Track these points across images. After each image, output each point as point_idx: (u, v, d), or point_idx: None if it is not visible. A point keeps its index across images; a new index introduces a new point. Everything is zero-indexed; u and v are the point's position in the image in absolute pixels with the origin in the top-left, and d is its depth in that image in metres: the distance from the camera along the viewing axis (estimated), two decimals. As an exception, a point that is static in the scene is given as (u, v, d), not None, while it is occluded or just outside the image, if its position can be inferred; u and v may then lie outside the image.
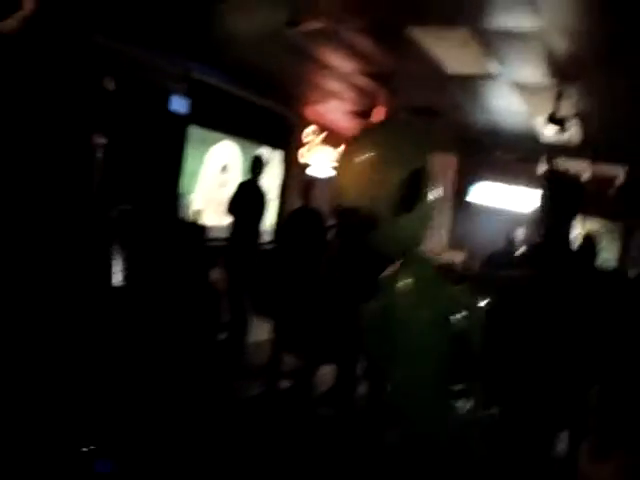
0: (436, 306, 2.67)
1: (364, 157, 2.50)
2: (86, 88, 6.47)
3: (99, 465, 4.26)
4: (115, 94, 6.85)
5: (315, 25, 6.34)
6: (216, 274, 7.77)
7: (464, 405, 2.69)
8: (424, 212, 2.58)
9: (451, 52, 6.54)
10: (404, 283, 2.69)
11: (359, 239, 2.62)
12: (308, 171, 11.49)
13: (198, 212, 8.64)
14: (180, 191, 8.49)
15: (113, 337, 5.54)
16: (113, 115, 6.99)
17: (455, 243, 11.37)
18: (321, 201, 7.35)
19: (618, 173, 10.31)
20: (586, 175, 10.45)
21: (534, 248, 3.46)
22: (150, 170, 7.75)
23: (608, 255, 9.89)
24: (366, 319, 3.02)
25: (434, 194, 2.56)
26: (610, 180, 10.41)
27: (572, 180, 3.49)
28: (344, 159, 2.57)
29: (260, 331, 7.73)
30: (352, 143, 2.63)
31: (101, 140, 6.73)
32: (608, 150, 9.39)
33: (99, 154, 6.75)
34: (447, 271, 3.00)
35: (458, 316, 2.66)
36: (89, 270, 5.98)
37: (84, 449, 4.26)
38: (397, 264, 2.75)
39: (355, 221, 2.52)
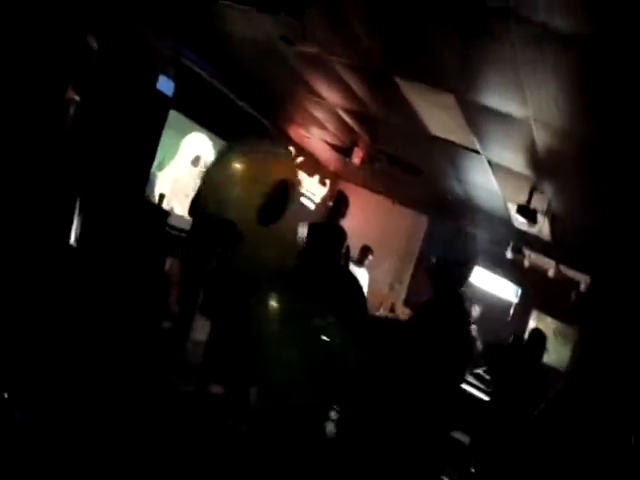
0: (302, 338, 2.79)
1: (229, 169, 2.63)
2: (68, 41, 6.25)
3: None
4: (98, 54, 6.64)
5: (309, 49, 6.10)
6: (171, 263, 7.69)
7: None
8: (288, 228, 2.69)
9: (435, 114, 6.30)
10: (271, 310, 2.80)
11: (226, 252, 2.90)
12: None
13: (163, 196, 8.35)
14: (150, 170, 8.31)
15: (54, 295, 5.44)
16: (94, 75, 6.78)
17: (410, 300, 11.16)
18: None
19: (581, 280, 10.16)
20: (550, 273, 10.32)
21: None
22: (125, 141, 7.49)
23: (554, 355, 9.72)
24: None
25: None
26: (573, 284, 10.26)
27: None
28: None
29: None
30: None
31: (75, 96, 6.53)
32: (574, 255, 9.24)
33: (71, 110, 6.54)
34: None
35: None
36: (49, 222, 5.82)
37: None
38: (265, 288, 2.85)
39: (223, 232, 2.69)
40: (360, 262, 8.98)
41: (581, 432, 3.27)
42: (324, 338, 2.94)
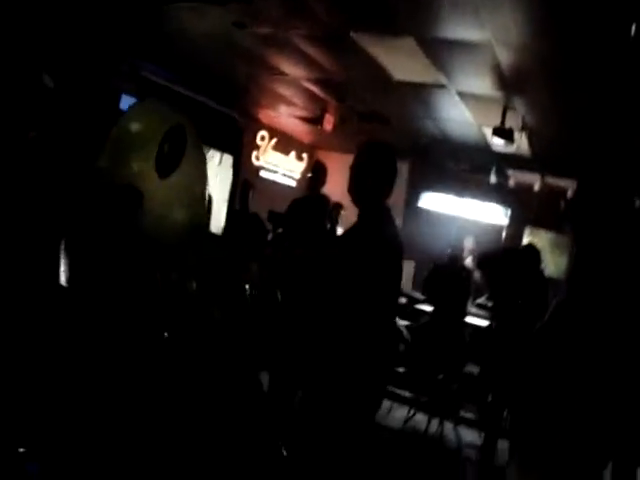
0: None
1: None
2: (22, 85, 6.34)
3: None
4: (55, 91, 6.75)
5: (263, 29, 6.25)
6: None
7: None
8: (191, 176, 2.42)
9: (397, 60, 6.48)
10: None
11: (127, 220, 2.48)
12: (262, 174, 11.42)
13: None
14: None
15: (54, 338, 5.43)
16: (55, 113, 6.89)
17: (406, 251, 11.20)
18: (267, 203, 7.38)
19: (568, 186, 10.32)
20: (536, 187, 10.52)
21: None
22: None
23: (552, 267, 9.91)
24: None
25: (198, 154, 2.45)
26: (560, 193, 10.43)
27: None
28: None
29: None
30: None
31: (35, 135, 6.64)
32: (556, 163, 9.42)
33: (34, 148, 6.66)
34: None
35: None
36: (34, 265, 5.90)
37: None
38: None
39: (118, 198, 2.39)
40: (336, 221, 9.06)
41: (585, 344, 3.13)
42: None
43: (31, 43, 6.70)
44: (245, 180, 7.50)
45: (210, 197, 7.68)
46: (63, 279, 5.99)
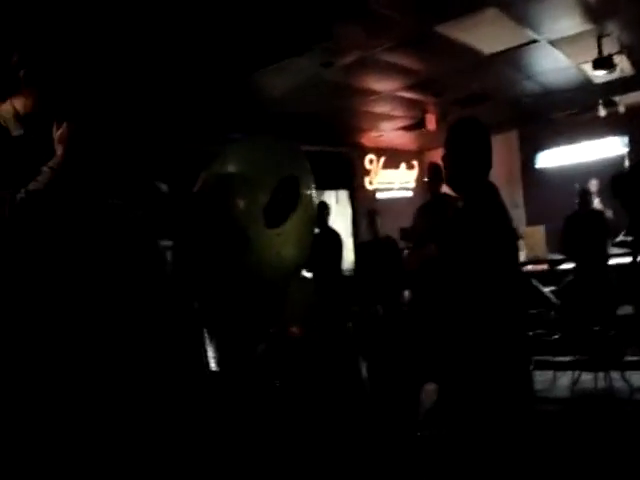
0: None
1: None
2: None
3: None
4: (170, 194, 7.11)
5: (349, 58, 6.50)
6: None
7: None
8: (301, 226, 2.50)
9: (484, 34, 6.59)
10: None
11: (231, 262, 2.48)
12: (378, 196, 11.65)
13: None
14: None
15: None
16: (179, 218, 7.24)
17: (534, 218, 11.13)
18: (393, 222, 7.53)
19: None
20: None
21: None
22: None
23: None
24: None
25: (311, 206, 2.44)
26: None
27: None
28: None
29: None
30: None
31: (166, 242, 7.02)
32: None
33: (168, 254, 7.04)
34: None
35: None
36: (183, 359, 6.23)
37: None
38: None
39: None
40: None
41: None
42: None
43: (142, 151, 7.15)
44: (369, 210, 7.60)
45: (339, 239, 7.95)
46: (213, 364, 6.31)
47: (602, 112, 10.17)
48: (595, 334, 6.72)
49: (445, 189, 6.87)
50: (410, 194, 12.41)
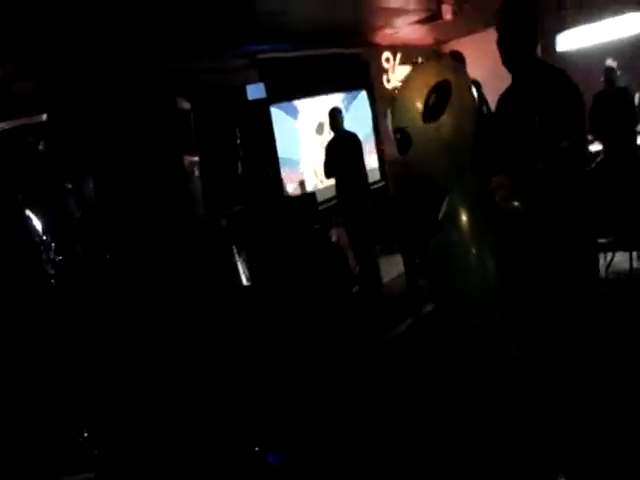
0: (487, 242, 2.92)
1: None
2: (165, 117, 6.56)
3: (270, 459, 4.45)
4: (191, 110, 6.95)
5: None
6: (335, 233, 8.14)
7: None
8: (455, 122, 2.82)
9: None
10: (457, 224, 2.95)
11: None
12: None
13: (302, 182, 8.66)
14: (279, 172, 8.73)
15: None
16: (198, 129, 7.12)
17: None
18: None
19: None
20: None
21: None
22: (246, 164, 7.71)
23: None
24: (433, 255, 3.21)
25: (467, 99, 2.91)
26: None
27: None
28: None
29: (391, 269, 8.13)
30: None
31: (193, 158, 6.92)
32: None
33: (195, 171, 6.94)
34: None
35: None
36: (215, 276, 6.26)
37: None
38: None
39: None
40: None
41: None
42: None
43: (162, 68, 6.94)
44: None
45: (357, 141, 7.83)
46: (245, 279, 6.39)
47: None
48: (626, 213, 6.62)
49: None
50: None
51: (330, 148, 8.03)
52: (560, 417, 3.08)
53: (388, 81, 11.27)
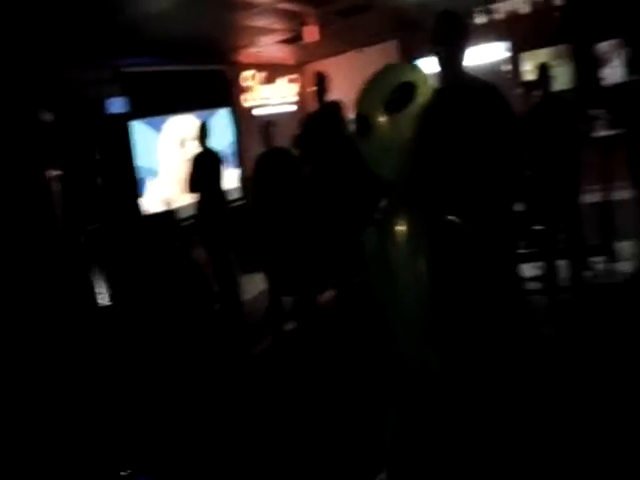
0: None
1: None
2: (26, 129, 6.30)
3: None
4: (54, 121, 6.69)
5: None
6: (197, 251, 7.85)
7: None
8: (410, 122, 2.83)
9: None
10: (397, 226, 2.95)
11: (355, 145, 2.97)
12: (255, 112, 11.24)
13: (164, 199, 8.47)
14: (139, 189, 8.50)
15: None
16: (59, 142, 6.86)
17: None
18: (282, 138, 7.43)
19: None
20: (526, 10, 10.26)
21: None
22: (105, 180, 7.74)
23: (564, 79, 9.69)
24: (367, 248, 3.23)
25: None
26: (552, 8, 10.16)
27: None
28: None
29: (251, 287, 8.20)
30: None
31: (54, 172, 6.65)
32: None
33: (56, 185, 6.67)
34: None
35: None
36: (72, 293, 6.06)
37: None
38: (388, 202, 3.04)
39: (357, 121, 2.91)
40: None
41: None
42: None
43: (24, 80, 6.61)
44: (265, 122, 7.49)
45: (218, 158, 7.77)
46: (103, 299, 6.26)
47: (481, 19, 10.09)
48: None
49: (332, 96, 7.06)
50: (293, 108, 12.08)
51: (195, 163, 7.88)
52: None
53: (246, 100, 11.16)
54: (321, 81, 7.04)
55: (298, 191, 7.22)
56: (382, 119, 2.86)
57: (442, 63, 3.61)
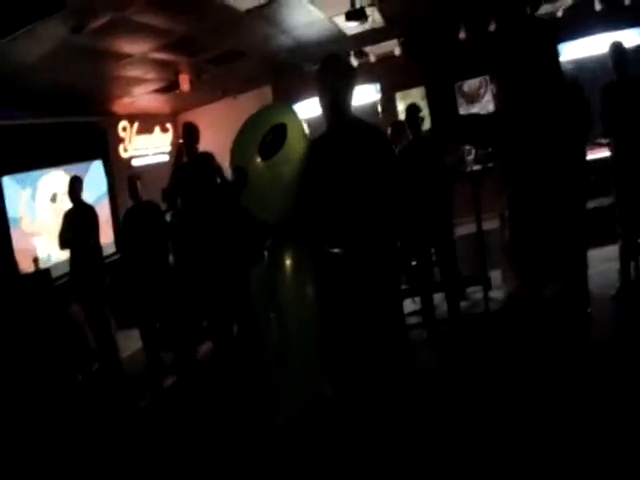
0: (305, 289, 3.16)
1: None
2: None
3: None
4: None
5: (100, 20, 5.94)
6: (73, 309, 7.78)
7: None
8: (287, 161, 3.12)
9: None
10: (285, 260, 3.17)
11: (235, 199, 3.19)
12: (134, 163, 11.18)
13: (36, 259, 8.21)
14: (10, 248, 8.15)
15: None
16: None
17: None
18: (153, 189, 7.34)
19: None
20: (397, 52, 10.61)
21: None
22: None
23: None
24: (253, 286, 3.45)
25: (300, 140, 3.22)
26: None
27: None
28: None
29: (130, 343, 8.00)
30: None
31: None
32: (413, 23, 9.41)
33: None
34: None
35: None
36: None
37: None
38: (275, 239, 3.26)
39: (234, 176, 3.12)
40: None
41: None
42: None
43: None
44: (130, 175, 7.40)
45: (93, 212, 7.62)
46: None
47: (354, 62, 10.37)
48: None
49: (208, 145, 7.06)
50: (167, 158, 11.99)
51: (67, 218, 7.61)
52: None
53: (125, 150, 11.04)
54: (189, 132, 6.92)
55: (165, 245, 7.17)
56: (258, 167, 3.06)
57: (329, 106, 3.56)
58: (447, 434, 4.21)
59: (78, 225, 7.52)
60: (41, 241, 8.74)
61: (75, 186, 7.64)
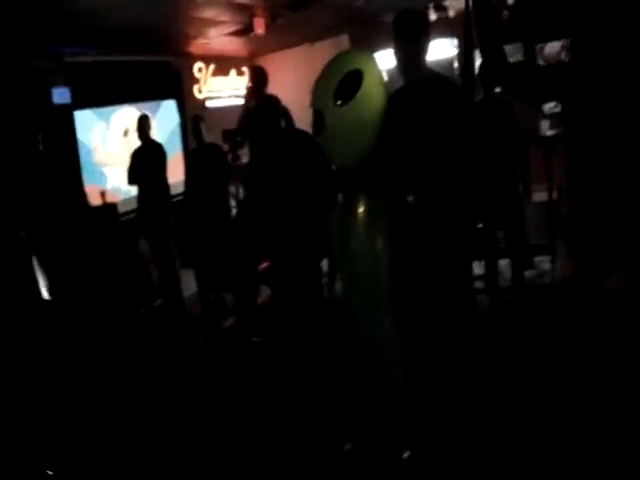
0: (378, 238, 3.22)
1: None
2: None
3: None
4: None
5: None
6: (139, 245, 7.99)
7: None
8: (364, 107, 3.14)
9: None
10: (356, 214, 3.22)
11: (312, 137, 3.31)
12: (208, 105, 11.22)
13: (103, 193, 8.33)
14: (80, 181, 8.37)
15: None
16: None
17: None
18: (216, 132, 7.48)
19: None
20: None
21: None
22: (49, 172, 7.63)
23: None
24: (332, 228, 3.50)
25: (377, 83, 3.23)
26: (500, 4, 10.17)
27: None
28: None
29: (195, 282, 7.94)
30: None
31: None
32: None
33: None
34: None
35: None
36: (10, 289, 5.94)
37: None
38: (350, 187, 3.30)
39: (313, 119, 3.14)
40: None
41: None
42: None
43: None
44: (194, 116, 7.40)
45: (162, 150, 7.65)
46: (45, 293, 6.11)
47: (432, 16, 10.08)
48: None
49: (282, 90, 6.86)
50: (242, 101, 11.93)
51: (135, 156, 7.77)
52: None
53: (200, 91, 11.08)
54: (258, 76, 6.95)
55: (225, 186, 7.26)
56: (335, 111, 3.10)
57: (405, 59, 3.54)
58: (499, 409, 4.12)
59: (146, 162, 7.68)
60: (112, 171, 8.98)
61: (143, 124, 7.76)
